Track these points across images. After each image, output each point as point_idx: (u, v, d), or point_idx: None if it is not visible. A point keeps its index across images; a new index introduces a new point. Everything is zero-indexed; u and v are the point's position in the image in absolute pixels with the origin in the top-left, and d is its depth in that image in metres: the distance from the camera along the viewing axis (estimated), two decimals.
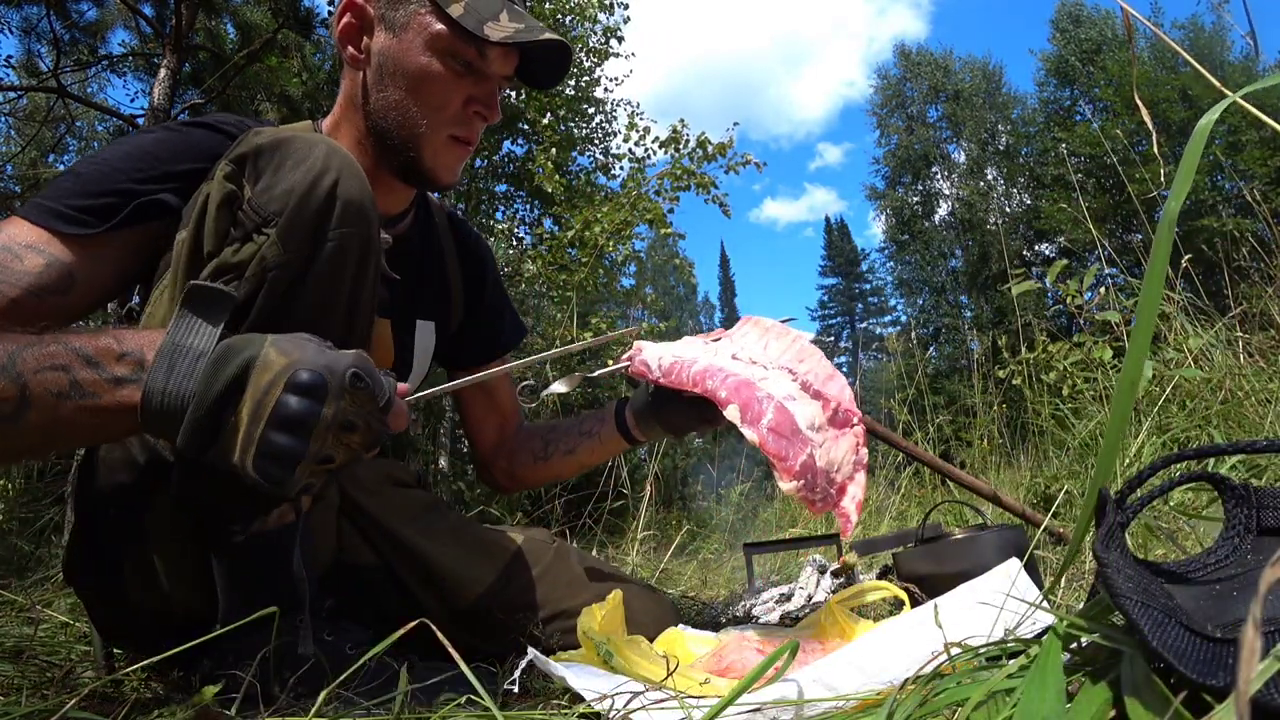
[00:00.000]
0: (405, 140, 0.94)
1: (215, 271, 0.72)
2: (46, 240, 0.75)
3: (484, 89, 0.95)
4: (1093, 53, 21.12)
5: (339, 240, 0.74)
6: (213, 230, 0.73)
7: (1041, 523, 1.40)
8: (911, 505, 3.09)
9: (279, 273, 0.71)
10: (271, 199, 0.72)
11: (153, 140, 0.82)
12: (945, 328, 23.80)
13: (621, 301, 7.64)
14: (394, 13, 0.92)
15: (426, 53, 0.91)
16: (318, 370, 0.59)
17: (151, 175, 0.79)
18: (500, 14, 0.91)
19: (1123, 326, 2.57)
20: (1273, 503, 0.53)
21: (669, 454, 5.49)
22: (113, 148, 0.81)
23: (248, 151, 0.75)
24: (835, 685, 0.59)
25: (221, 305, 0.65)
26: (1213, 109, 0.46)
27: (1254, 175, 14.83)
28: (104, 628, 0.90)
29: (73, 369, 0.61)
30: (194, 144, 0.83)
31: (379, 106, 0.94)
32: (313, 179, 0.73)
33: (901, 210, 26.21)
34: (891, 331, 28.17)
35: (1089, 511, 0.51)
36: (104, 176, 0.78)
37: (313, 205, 0.72)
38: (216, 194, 0.74)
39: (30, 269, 0.73)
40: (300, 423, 0.58)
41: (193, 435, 0.59)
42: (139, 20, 5.97)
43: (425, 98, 0.92)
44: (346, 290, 0.77)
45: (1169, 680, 0.36)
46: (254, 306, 0.71)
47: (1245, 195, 14.08)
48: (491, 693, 0.71)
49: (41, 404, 0.60)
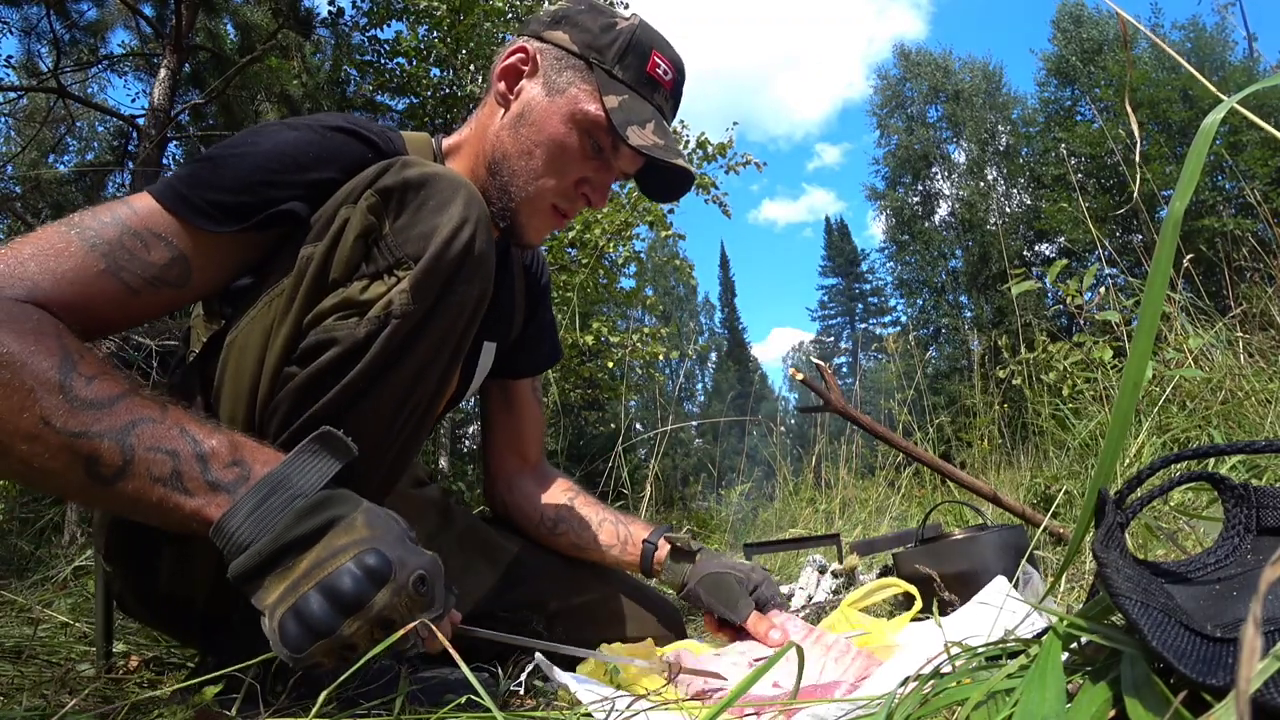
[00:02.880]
0: (513, 190, 0.95)
1: (340, 304, 0.73)
2: (176, 231, 0.73)
3: (602, 177, 0.98)
4: (1094, 53, 21.10)
5: (463, 295, 0.76)
6: (345, 259, 0.73)
7: (1041, 523, 1.40)
8: (911, 505, 3.09)
9: (402, 322, 0.72)
10: (409, 240, 0.73)
11: (294, 142, 0.80)
12: (945, 328, 23.81)
13: (621, 302, 7.64)
14: (558, 76, 0.94)
15: (569, 123, 0.93)
16: (388, 559, 0.58)
17: (289, 181, 0.78)
18: (649, 123, 0.93)
19: (1123, 326, 2.57)
20: (1273, 503, 0.53)
21: (669, 454, 5.50)
22: (253, 141, 0.79)
23: (394, 185, 0.74)
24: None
25: (340, 456, 0.65)
26: (1212, 113, 0.46)
27: (1255, 175, 14.84)
28: (120, 598, 0.89)
29: (180, 458, 0.61)
30: (335, 151, 0.81)
31: (505, 148, 0.95)
32: (452, 230, 0.73)
33: (901, 210, 26.21)
34: (891, 332, 28.20)
35: (1089, 511, 0.51)
36: (243, 174, 0.76)
37: (449, 258, 0.73)
38: (356, 223, 0.74)
39: (156, 260, 0.72)
40: (346, 600, 0.56)
41: (249, 563, 0.58)
42: (139, 20, 5.98)
43: (549, 161, 0.94)
44: (455, 341, 0.78)
45: (1169, 680, 0.36)
46: (370, 349, 0.72)
47: (1246, 195, 14.03)
48: (492, 693, 0.71)
49: (138, 479, 0.60)
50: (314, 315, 0.74)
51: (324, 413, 0.73)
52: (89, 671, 0.92)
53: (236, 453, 0.63)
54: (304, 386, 0.73)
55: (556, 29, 0.96)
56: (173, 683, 0.86)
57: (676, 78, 0.99)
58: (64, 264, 0.67)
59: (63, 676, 0.85)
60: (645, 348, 5.81)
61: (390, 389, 0.75)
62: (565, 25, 0.96)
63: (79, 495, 0.61)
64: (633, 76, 0.94)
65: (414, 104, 6.95)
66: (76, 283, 0.68)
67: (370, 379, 0.73)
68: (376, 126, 0.88)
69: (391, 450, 0.80)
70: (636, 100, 0.93)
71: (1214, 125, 0.45)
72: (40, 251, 0.67)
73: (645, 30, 0.96)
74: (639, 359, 5.84)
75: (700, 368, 40.52)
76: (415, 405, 0.79)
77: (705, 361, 40.77)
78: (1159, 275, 0.43)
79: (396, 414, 0.77)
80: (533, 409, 1.25)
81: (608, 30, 0.94)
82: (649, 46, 0.95)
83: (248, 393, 0.75)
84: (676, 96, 1.00)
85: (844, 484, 3.64)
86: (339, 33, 6.92)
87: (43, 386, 0.59)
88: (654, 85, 0.95)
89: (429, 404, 0.81)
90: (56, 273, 0.67)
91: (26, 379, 0.59)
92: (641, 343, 5.83)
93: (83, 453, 0.59)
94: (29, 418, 0.58)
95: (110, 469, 0.59)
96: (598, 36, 0.94)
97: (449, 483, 4.05)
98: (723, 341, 42.95)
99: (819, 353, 37.61)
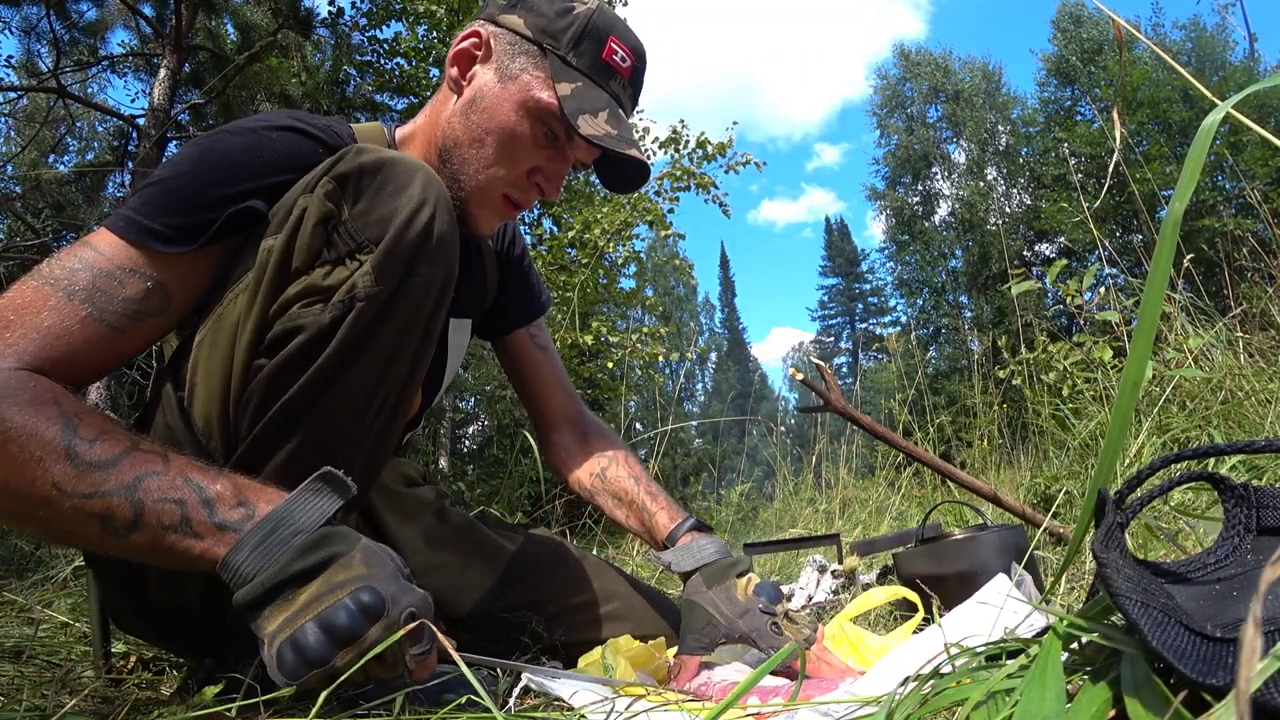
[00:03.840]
0: (463, 179, 0.94)
1: (304, 291, 0.73)
2: (145, 262, 0.74)
3: (555, 167, 0.96)
4: (1094, 53, 21.09)
5: (426, 276, 0.76)
6: (305, 246, 0.73)
7: (1041, 523, 1.40)
8: (911, 505, 3.09)
9: (366, 305, 0.72)
10: (368, 224, 0.73)
11: (241, 149, 0.79)
12: (945, 328, 23.80)
13: (621, 302, 7.64)
14: (510, 62, 0.92)
15: (520, 111, 0.91)
16: (382, 596, 0.60)
17: (243, 190, 0.78)
18: (601, 112, 0.91)
19: (1123, 326, 2.57)
20: (1273, 503, 0.53)
21: (669, 454, 5.50)
22: (199, 155, 0.78)
23: (350, 171, 0.74)
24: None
25: (341, 495, 0.66)
26: (1211, 114, 0.46)
27: (1255, 175, 14.84)
28: (116, 614, 0.89)
29: (187, 506, 0.63)
30: (284, 153, 0.81)
31: (456, 136, 0.94)
32: (411, 211, 0.73)
33: (901, 210, 26.20)
34: (892, 332, 28.19)
35: (1089, 511, 0.51)
36: (195, 191, 0.76)
37: (408, 239, 0.73)
38: (315, 211, 0.74)
39: (133, 295, 0.73)
40: (340, 634, 0.58)
41: (252, 594, 0.61)
42: (139, 20, 5.98)
43: (500, 150, 0.92)
44: (424, 323, 0.78)
45: (1169, 680, 0.36)
46: (337, 334, 0.72)
47: (1246, 195, 14.03)
48: (491, 693, 0.71)
49: (150, 529, 0.63)
50: (279, 305, 0.74)
51: (295, 402, 0.73)
52: (89, 672, 0.92)
53: (240, 494, 0.65)
54: (273, 376, 0.73)
55: (512, 13, 0.94)
56: (173, 683, 0.86)
57: (636, 64, 0.96)
58: (45, 319, 0.68)
59: (63, 677, 0.85)
60: (645, 348, 5.81)
61: (360, 374, 0.75)
62: (521, 9, 0.94)
63: (98, 547, 0.64)
64: (587, 63, 0.92)
65: (414, 104, 6.95)
66: (63, 335, 0.69)
67: (339, 364, 0.73)
68: (321, 120, 0.88)
69: (367, 438, 0.80)
70: (590, 88, 0.91)
71: (1214, 126, 0.45)
72: (17, 310, 0.68)
73: (603, 15, 0.94)
74: (638, 359, 5.84)
75: (700, 368, 40.53)
76: (388, 391, 0.79)
77: (705, 361, 40.78)
78: (1159, 275, 0.43)
79: (369, 401, 0.77)
80: (540, 362, 1.24)
81: (563, 15, 0.92)
82: (606, 32, 0.93)
83: (220, 389, 0.75)
84: (636, 84, 0.98)
85: (844, 484, 3.64)
86: (338, 33, 6.92)
87: (50, 455, 0.62)
88: (610, 72, 0.93)
89: (402, 390, 0.81)
90: (40, 328, 0.68)
91: (34, 450, 0.61)
92: (641, 343, 5.83)
93: (96, 512, 0.62)
94: (41, 486, 0.61)
95: (123, 523, 0.62)
96: (553, 21, 0.92)
97: (449, 483, 4.04)
98: (723, 341, 42.97)
99: (819, 353, 37.59)
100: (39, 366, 0.67)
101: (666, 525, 1.07)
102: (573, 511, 2.88)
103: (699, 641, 0.90)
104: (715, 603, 0.93)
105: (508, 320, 1.22)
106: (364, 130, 0.96)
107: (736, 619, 0.91)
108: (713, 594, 0.94)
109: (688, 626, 0.93)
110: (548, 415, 1.26)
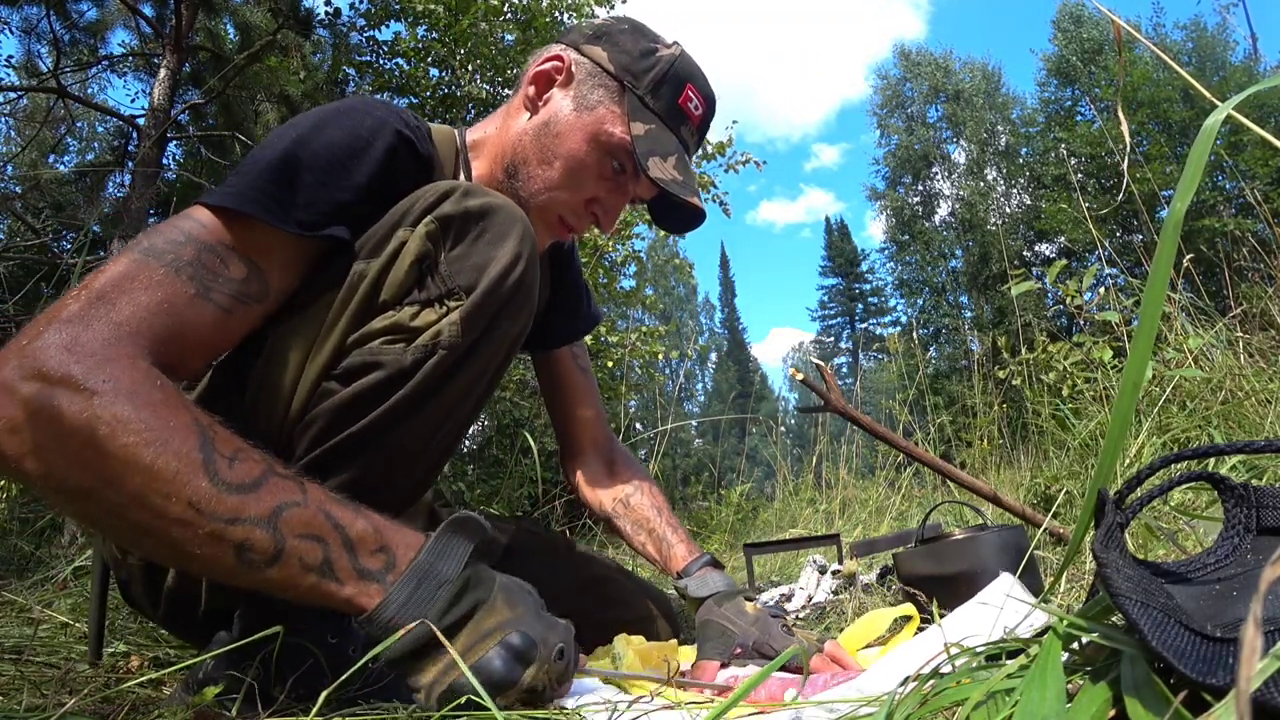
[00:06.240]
0: (525, 194, 0.95)
1: (390, 328, 0.73)
2: (245, 241, 0.70)
3: (614, 200, 0.97)
4: (1094, 53, 21.09)
5: (508, 329, 0.77)
6: (398, 281, 0.73)
7: (1041, 523, 1.40)
8: (911, 505, 3.09)
9: (448, 353, 0.73)
10: (462, 270, 0.74)
11: (343, 145, 0.76)
12: (945, 328, 23.79)
13: (621, 302, 7.63)
14: (589, 92, 0.94)
15: (592, 142, 0.93)
16: (532, 639, 0.62)
17: (343, 184, 0.75)
18: (671, 156, 0.93)
19: (1123, 326, 2.57)
20: (1273, 502, 0.53)
21: (669, 454, 5.50)
22: (301, 140, 0.74)
23: (455, 215, 0.74)
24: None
25: (475, 537, 0.67)
26: (1212, 115, 0.46)
27: (1255, 175, 14.84)
28: (132, 599, 0.89)
29: (329, 546, 0.61)
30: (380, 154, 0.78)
31: (525, 153, 0.95)
32: (506, 265, 0.74)
33: (901, 210, 26.20)
34: (892, 332, 28.16)
35: (1089, 511, 0.51)
36: (311, 183, 0.73)
37: (500, 294, 0.74)
38: (413, 248, 0.73)
39: (236, 275, 0.70)
40: (498, 681, 0.60)
41: (404, 649, 0.60)
42: (139, 20, 5.98)
43: (565, 174, 0.94)
44: (494, 370, 0.80)
45: (1169, 680, 0.36)
46: (415, 376, 0.73)
47: (1246, 195, 14.03)
48: None
49: (289, 566, 0.59)
50: (360, 335, 0.74)
51: (362, 434, 0.73)
52: (89, 671, 0.92)
53: (381, 537, 0.64)
54: (344, 406, 0.73)
55: (596, 44, 0.96)
56: (173, 683, 0.86)
57: (706, 112, 0.99)
58: (154, 295, 0.63)
59: (63, 676, 0.85)
60: (645, 347, 5.80)
61: (429, 415, 0.76)
62: (605, 42, 0.96)
63: (225, 578, 0.60)
64: (664, 107, 0.94)
65: (413, 104, 6.95)
66: (171, 313, 0.64)
67: (412, 405, 0.74)
68: (412, 119, 0.86)
69: (421, 468, 0.81)
70: (663, 131, 0.94)
71: (1215, 126, 0.45)
72: (123, 286, 0.62)
73: (684, 63, 0.96)
74: (638, 359, 5.84)
75: (700, 368, 40.54)
76: (450, 429, 0.80)
77: (705, 361, 40.79)
78: (1159, 275, 0.43)
79: (433, 435, 0.79)
80: (580, 385, 1.25)
81: (647, 55, 0.94)
82: (685, 80, 0.95)
83: (282, 401, 0.74)
84: (703, 131, 1.00)
85: (844, 484, 3.64)
86: (338, 33, 6.92)
87: (188, 469, 0.56)
88: (683, 118, 0.96)
89: (464, 424, 0.83)
90: (148, 306, 0.62)
91: (170, 460, 0.56)
92: (641, 342, 5.83)
93: (234, 540, 0.57)
94: (177, 503, 0.56)
95: (262, 556, 0.58)
96: (636, 60, 0.94)
97: (449, 483, 4.04)
98: (723, 341, 42.96)
99: (819, 353, 37.59)
100: (148, 346, 0.62)
101: (684, 558, 1.10)
102: (573, 511, 2.88)
103: (716, 649, 0.92)
104: (728, 617, 0.95)
105: (553, 335, 1.23)
106: (439, 133, 0.97)
107: (750, 627, 0.93)
108: (724, 610, 0.96)
109: (705, 638, 0.95)
110: (578, 438, 1.26)
